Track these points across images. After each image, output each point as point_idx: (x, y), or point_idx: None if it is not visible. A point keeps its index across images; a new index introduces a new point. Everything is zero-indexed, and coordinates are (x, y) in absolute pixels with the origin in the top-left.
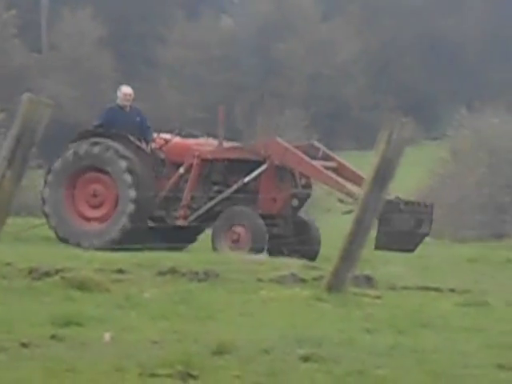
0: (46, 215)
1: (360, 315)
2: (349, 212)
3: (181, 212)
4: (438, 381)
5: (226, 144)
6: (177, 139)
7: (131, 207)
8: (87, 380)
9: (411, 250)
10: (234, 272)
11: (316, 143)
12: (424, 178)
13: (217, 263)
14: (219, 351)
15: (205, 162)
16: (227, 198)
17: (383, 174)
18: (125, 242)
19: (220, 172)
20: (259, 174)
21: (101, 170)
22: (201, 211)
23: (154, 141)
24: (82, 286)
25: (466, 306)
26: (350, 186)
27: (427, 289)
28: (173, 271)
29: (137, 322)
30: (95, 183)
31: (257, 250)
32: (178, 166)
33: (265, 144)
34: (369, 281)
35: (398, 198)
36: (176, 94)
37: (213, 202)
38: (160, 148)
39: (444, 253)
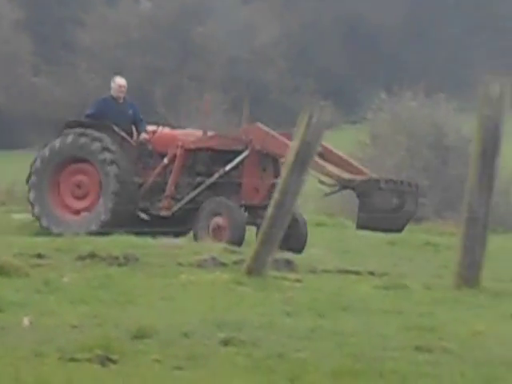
0: (31, 203)
1: (280, 298)
2: (330, 194)
3: (164, 203)
4: (357, 363)
5: (210, 133)
6: (164, 130)
7: (113, 199)
8: (6, 365)
9: (398, 231)
10: (154, 256)
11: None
12: None
13: (137, 247)
14: (139, 335)
15: (188, 151)
16: (209, 189)
17: (303, 158)
18: (106, 231)
19: (204, 162)
20: (241, 163)
21: (87, 161)
22: (183, 201)
23: (146, 132)
24: (1, 270)
25: (385, 288)
26: (330, 167)
27: (347, 272)
28: (92, 256)
29: (56, 307)
30: (80, 174)
31: (236, 242)
32: (164, 156)
33: (245, 129)
34: (289, 264)
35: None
36: (95, 77)
37: (195, 192)
38: (149, 140)
39: (364, 236)
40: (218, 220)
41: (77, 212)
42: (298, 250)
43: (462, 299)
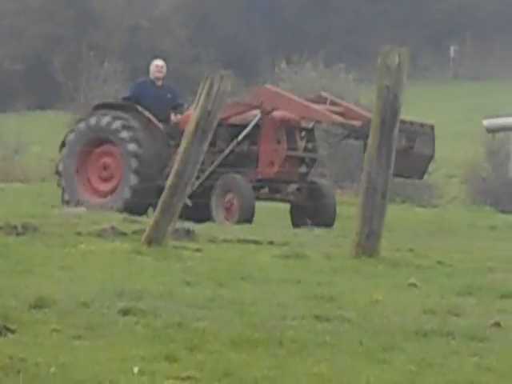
0: (63, 188)
1: (180, 268)
2: (339, 141)
3: None
4: (256, 332)
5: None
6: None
7: (133, 179)
8: None
9: (417, 176)
10: (52, 226)
11: (323, 93)
12: None
13: (35, 217)
14: (38, 305)
15: None
16: (226, 164)
17: (203, 127)
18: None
19: (223, 138)
20: (256, 136)
21: (111, 142)
22: (201, 179)
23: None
24: None
25: (285, 258)
26: (337, 117)
27: (247, 242)
28: None
29: None
30: (106, 156)
31: (245, 219)
32: None
33: (255, 92)
34: (189, 234)
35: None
36: None
37: (210, 169)
38: (179, 121)
39: (265, 206)
40: (231, 197)
41: (104, 195)
42: (328, 222)
43: (360, 268)
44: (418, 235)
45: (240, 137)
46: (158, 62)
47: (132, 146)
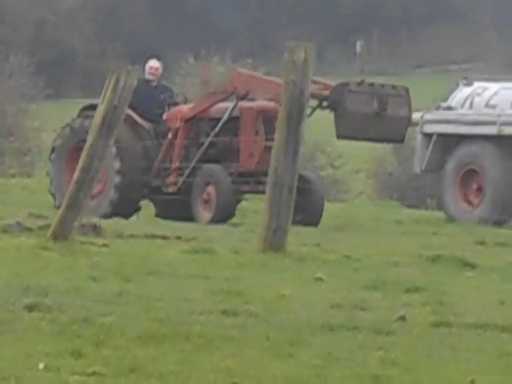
0: (53, 195)
1: (86, 263)
2: (310, 114)
3: (171, 179)
4: (163, 327)
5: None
6: (178, 107)
7: (117, 179)
8: None
9: (397, 140)
10: None
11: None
12: None
13: None
14: None
15: (188, 122)
16: (207, 159)
17: (110, 122)
18: (117, 214)
19: (205, 132)
20: (234, 128)
21: None
22: (185, 175)
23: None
24: None
25: (193, 253)
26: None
27: (154, 237)
28: None
29: None
30: None
31: (223, 211)
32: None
33: (228, 78)
34: (96, 229)
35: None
36: None
37: (192, 164)
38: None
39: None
40: (210, 189)
41: (94, 197)
42: (313, 220)
43: (267, 263)
44: (325, 230)
45: (216, 129)
46: (152, 64)
47: (112, 148)
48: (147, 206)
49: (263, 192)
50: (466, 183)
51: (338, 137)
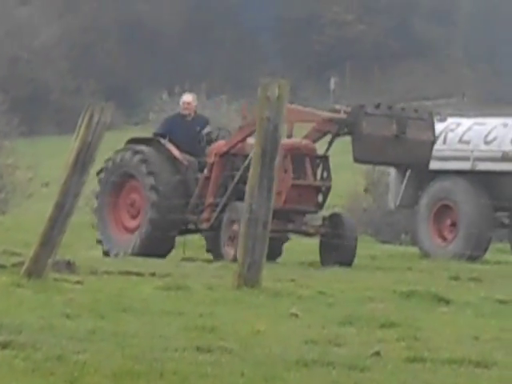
0: (97, 227)
1: (60, 301)
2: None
3: (204, 215)
4: (137, 364)
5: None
6: (218, 142)
7: (152, 213)
8: None
9: (422, 164)
10: None
11: (337, 106)
12: None
13: None
14: None
15: (223, 157)
16: (237, 195)
17: (83, 158)
18: (148, 250)
19: (238, 168)
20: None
21: (135, 177)
22: (217, 211)
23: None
24: None
25: (167, 289)
26: (326, 113)
27: (129, 273)
28: None
29: None
30: (133, 192)
31: None
32: None
33: (252, 112)
34: (70, 266)
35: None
36: None
37: (223, 200)
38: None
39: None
40: (235, 226)
41: (133, 231)
42: (345, 261)
43: (242, 299)
44: (300, 266)
45: (245, 164)
46: (186, 98)
47: (150, 179)
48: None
49: (292, 231)
50: (439, 219)
51: (356, 160)
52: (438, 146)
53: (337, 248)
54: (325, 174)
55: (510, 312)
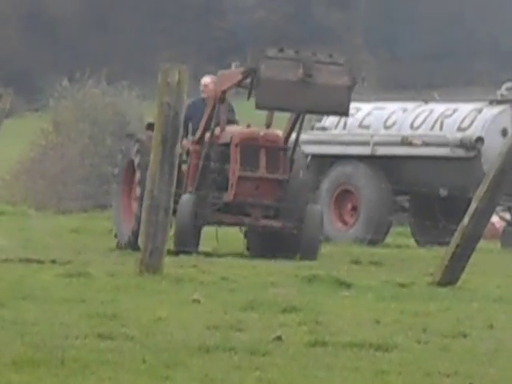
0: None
1: None
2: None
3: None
4: (38, 352)
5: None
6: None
7: (137, 208)
8: None
9: (340, 112)
10: None
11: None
12: (26, 149)
13: None
14: None
15: (197, 145)
16: (213, 184)
17: None
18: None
19: (217, 159)
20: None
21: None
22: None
23: None
24: None
25: (68, 276)
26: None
27: (29, 261)
28: None
29: None
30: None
31: (180, 243)
32: None
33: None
34: None
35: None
36: None
37: (187, 190)
38: None
39: (47, 224)
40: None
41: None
42: (307, 255)
43: (144, 286)
44: (203, 252)
45: (202, 155)
46: (204, 81)
47: (137, 173)
48: (23, 230)
49: (242, 224)
50: (340, 203)
51: (257, 107)
52: (338, 130)
53: (297, 241)
54: (282, 167)
55: (410, 295)
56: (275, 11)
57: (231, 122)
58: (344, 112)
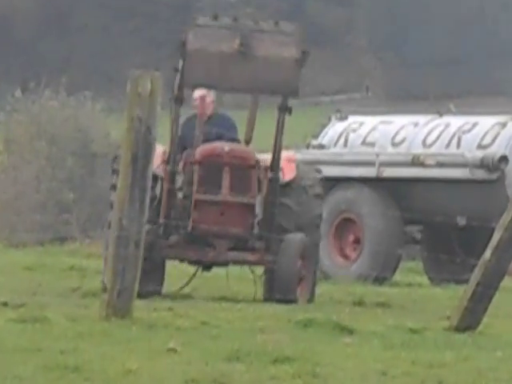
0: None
1: None
2: None
3: None
4: None
5: None
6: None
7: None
8: None
9: (287, 92)
10: None
11: None
12: None
13: None
14: None
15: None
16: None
17: None
18: None
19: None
20: None
21: None
22: None
23: None
24: None
25: (22, 322)
26: None
27: None
28: None
29: None
30: None
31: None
32: None
33: None
34: None
35: None
36: None
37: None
38: None
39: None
40: None
41: None
42: (280, 296)
43: (111, 332)
44: (180, 292)
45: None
46: (196, 93)
47: (113, 177)
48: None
49: (205, 259)
50: (341, 234)
51: (185, 85)
52: (337, 149)
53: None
54: (253, 188)
55: (422, 342)
56: (264, 7)
57: (231, 140)
58: (292, 92)
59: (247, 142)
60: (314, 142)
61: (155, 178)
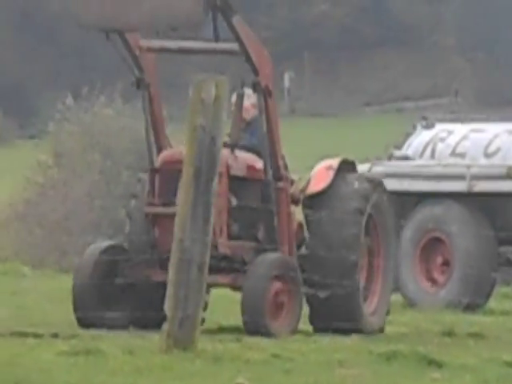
0: None
1: None
2: None
3: None
4: None
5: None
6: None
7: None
8: None
9: (190, 24)
10: None
11: None
12: (18, 188)
13: None
14: None
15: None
16: None
17: None
18: None
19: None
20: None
21: None
22: None
23: None
24: None
25: (74, 355)
26: None
27: (23, 335)
28: None
29: None
30: None
31: None
32: None
33: None
34: None
35: None
36: None
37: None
38: None
39: (46, 287)
40: None
41: None
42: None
43: (172, 366)
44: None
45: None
46: (233, 97)
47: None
48: (16, 294)
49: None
50: (428, 256)
51: (80, 25)
52: (424, 160)
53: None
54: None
55: None
56: (341, 5)
57: (250, 149)
58: (196, 24)
59: (233, 146)
60: (397, 153)
61: None
